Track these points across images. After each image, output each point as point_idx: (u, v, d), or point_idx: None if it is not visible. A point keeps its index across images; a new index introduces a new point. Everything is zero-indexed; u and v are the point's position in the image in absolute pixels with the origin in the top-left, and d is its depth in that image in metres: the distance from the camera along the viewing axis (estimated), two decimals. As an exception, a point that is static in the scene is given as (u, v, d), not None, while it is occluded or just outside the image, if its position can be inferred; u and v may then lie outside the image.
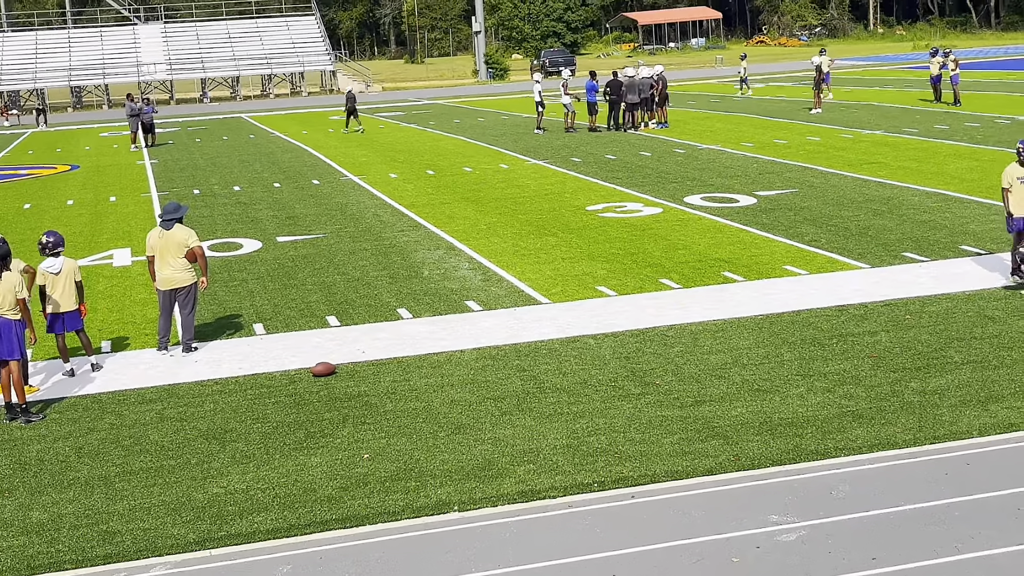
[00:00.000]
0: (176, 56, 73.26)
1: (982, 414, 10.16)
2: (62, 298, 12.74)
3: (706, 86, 57.56)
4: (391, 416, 10.97)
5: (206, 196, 26.74)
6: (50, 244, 12.84)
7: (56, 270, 12.75)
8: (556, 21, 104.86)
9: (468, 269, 17.23)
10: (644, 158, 29.16)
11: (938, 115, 35.74)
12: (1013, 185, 14.32)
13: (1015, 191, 14.30)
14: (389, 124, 45.42)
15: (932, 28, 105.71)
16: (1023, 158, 14.31)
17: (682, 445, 9.84)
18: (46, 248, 12.84)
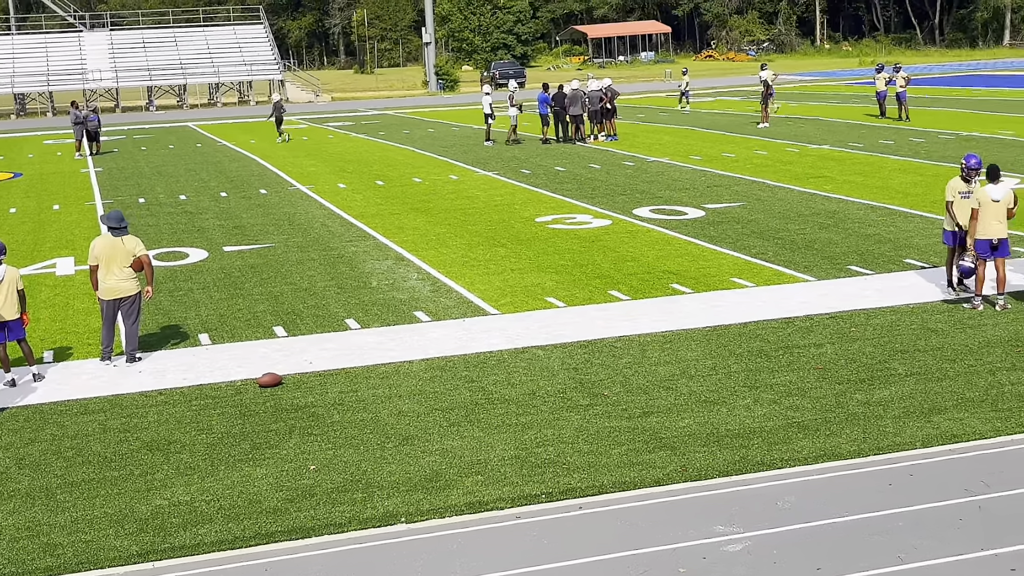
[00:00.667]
0: (122, 64, 72.52)
1: (925, 425, 10.28)
2: (3, 307, 12.54)
3: (655, 99, 57.91)
4: (338, 427, 10.90)
5: (152, 205, 26.48)
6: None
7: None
8: (506, 33, 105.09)
9: (417, 280, 17.18)
10: (593, 170, 29.27)
11: (883, 130, 36.19)
12: (955, 199, 14.54)
13: (957, 205, 14.53)
14: (338, 134, 45.26)
15: (878, 44, 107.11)
16: (965, 175, 14.53)
17: (630, 456, 9.85)
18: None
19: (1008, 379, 11.44)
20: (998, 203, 13.97)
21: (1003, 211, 14.00)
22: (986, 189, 14.08)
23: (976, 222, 14.07)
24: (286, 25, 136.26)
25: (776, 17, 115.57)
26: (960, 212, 14.52)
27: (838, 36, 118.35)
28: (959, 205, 14.52)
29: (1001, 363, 11.96)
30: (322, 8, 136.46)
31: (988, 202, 14.01)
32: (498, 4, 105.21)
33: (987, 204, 14.01)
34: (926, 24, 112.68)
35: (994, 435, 10.02)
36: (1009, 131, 34.13)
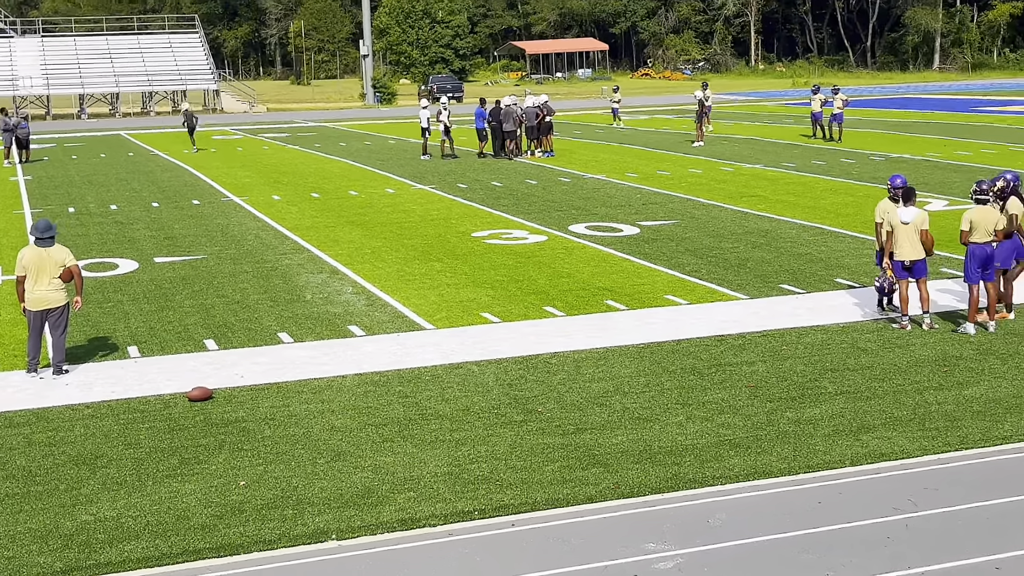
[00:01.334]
0: (54, 71, 71.50)
1: (854, 444, 10.39)
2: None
3: (592, 116, 58.23)
4: (269, 442, 10.78)
5: (81, 214, 26.09)
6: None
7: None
8: (444, 48, 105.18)
9: (352, 293, 17.08)
10: (530, 186, 29.34)
11: (815, 150, 36.69)
12: (885, 220, 14.76)
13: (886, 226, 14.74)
14: (273, 145, 44.95)
15: (811, 66, 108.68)
16: (892, 195, 14.77)
17: (563, 473, 9.85)
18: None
19: (935, 398, 11.61)
20: (908, 225, 14.18)
21: (914, 233, 14.18)
22: (897, 211, 14.31)
23: (890, 243, 14.31)
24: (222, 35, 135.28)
25: (712, 37, 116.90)
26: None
27: (772, 57, 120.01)
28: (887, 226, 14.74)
29: (928, 382, 12.14)
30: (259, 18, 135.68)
31: (898, 224, 14.23)
32: (436, 18, 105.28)
33: (897, 226, 14.23)
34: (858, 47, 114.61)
35: (921, 454, 10.15)
36: (937, 153, 34.76)
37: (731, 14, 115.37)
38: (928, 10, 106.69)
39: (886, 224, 14.39)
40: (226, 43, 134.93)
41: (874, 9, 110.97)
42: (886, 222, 14.37)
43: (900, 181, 14.80)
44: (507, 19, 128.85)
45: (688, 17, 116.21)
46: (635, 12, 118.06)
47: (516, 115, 36.42)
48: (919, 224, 14.22)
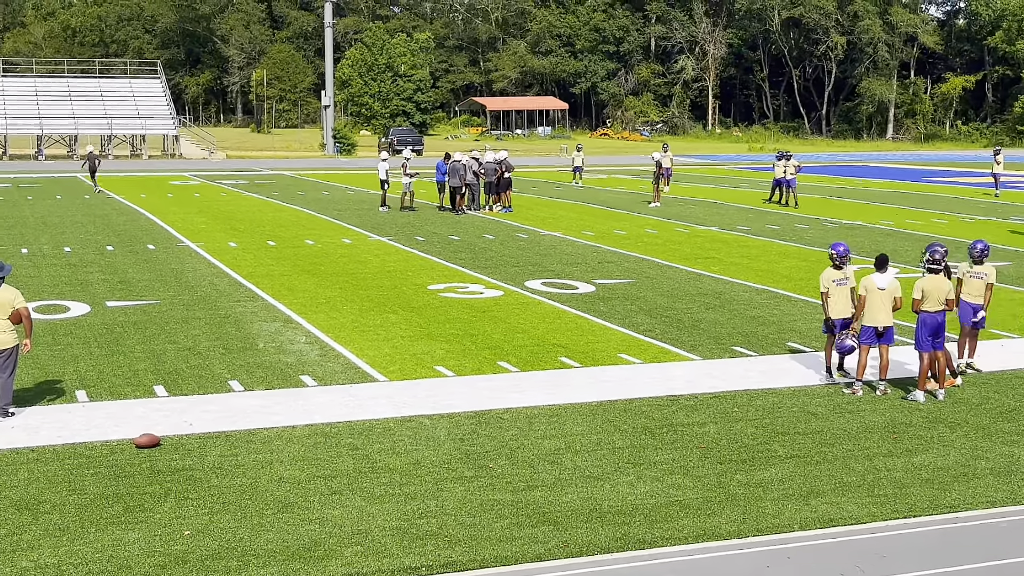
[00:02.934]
0: (12, 111, 71.05)
1: (803, 508, 10.43)
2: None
3: (550, 174, 58.59)
4: (216, 492, 10.65)
5: (34, 256, 25.83)
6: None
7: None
8: (406, 101, 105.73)
9: (305, 343, 16.99)
10: (487, 241, 29.41)
11: (770, 215, 37.09)
12: (830, 288, 14.91)
13: (833, 295, 14.89)
14: (231, 192, 44.81)
15: (767, 132, 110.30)
16: (836, 263, 14.96)
17: (512, 530, 9.80)
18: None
19: (884, 465, 11.69)
20: (884, 291, 14.36)
21: (889, 299, 14.37)
22: (872, 278, 14.47)
23: (862, 309, 14.45)
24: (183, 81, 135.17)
25: (670, 100, 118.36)
26: (837, 299, 14.89)
27: (729, 121, 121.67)
28: (836, 292, 14.89)
29: (878, 449, 12.23)
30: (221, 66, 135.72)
31: (874, 290, 14.39)
32: (399, 72, 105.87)
33: (873, 291, 14.39)
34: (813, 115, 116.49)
35: (870, 520, 10.20)
36: (890, 221, 35.25)
37: (690, 78, 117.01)
38: (883, 81, 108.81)
39: (860, 288, 14.53)
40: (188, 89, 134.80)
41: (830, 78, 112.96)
42: (862, 287, 14.50)
43: (843, 248, 15.03)
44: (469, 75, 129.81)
45: (647, 80, 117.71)
46: (595, 73, 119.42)
47: (460, 171, 36.41)
48: (893, 291, 14.37)
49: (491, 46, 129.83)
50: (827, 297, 14.95)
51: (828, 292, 14.93)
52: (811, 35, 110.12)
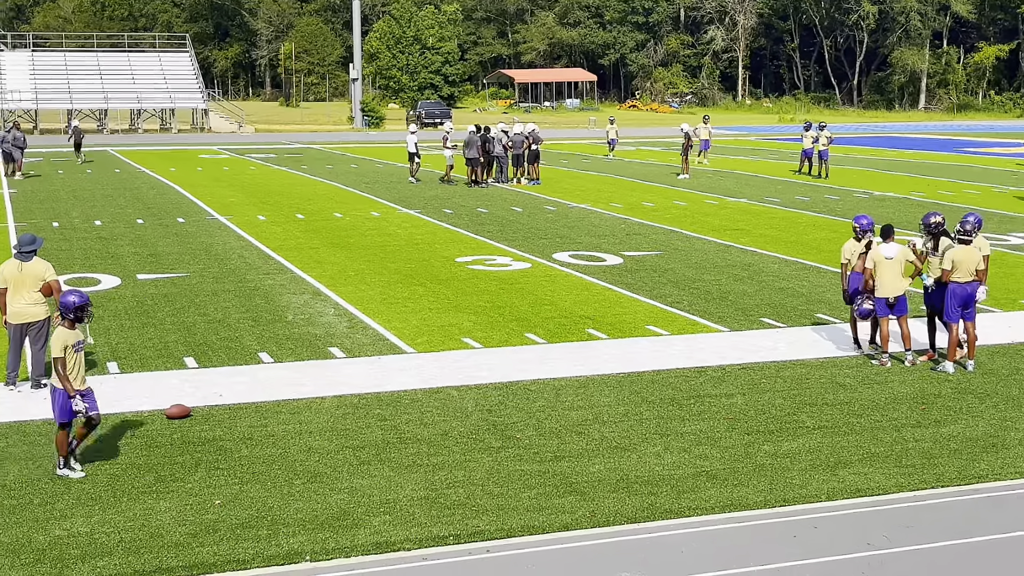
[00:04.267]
0: (43, 85, 71.42)
1: (831, 479, 10.42)
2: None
3: (579, 146, 58.45)
4: (246, 462, 10.74)
5: (65, 229, 26.03)
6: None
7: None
8: (434, 74, 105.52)
9: (333, 315, 17.07)
10: (515, 213, 29.41)
11: (800, 186, 36.89)
12: (852, 260, 14.81)
13: (856, 267, 14.79)
14: (260, 166, 44.96)
15: (797, 102, 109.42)
16: (858, 235, 14.86)
17: (539, 500, 9.85)
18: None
19: (912, 436, 11.66)
20: (891, 260, 14.28)
21: (898, 268, 14.29)
22: (879, 248, 14.39)
23: (870, 279, 14.39)
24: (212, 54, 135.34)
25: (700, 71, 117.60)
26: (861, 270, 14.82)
27: (759, 92, 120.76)
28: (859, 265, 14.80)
29: (906, 420, 12.19)
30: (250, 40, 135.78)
31: (882, 260, 14.32)
32: (427, 44, 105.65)
33: (881, 262, 14.32)
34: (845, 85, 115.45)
35: (897, 491, 10.19)
36: (921, 192, 34.99)
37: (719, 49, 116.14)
38: (915, 51, 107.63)
39: (868, 262, 14.46)
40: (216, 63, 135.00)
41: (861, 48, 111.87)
42: (869, 259, 14.44)
43: (866, 221, 14.93)
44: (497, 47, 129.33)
45: (677, 51, 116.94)
46: (624, 44, 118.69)
47: (476, 143, 36.28)
48: (902, 259, 14.32)
49: (519, 18, 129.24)
50: (847, 268, 14.86)
51: (849, 263, 14.84)
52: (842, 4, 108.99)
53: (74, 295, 10.49)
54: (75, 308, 10.38)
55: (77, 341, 10.36)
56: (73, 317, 10.40)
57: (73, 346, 10.32)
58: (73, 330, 10.38)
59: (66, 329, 10.32)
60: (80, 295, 10.53)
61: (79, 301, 10.46)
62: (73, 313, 10.38)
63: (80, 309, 10.43)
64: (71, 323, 10.40)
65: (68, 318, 10.39)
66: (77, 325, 10.46)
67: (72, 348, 10.31)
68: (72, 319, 10.41)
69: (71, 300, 10.43)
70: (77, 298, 10.48)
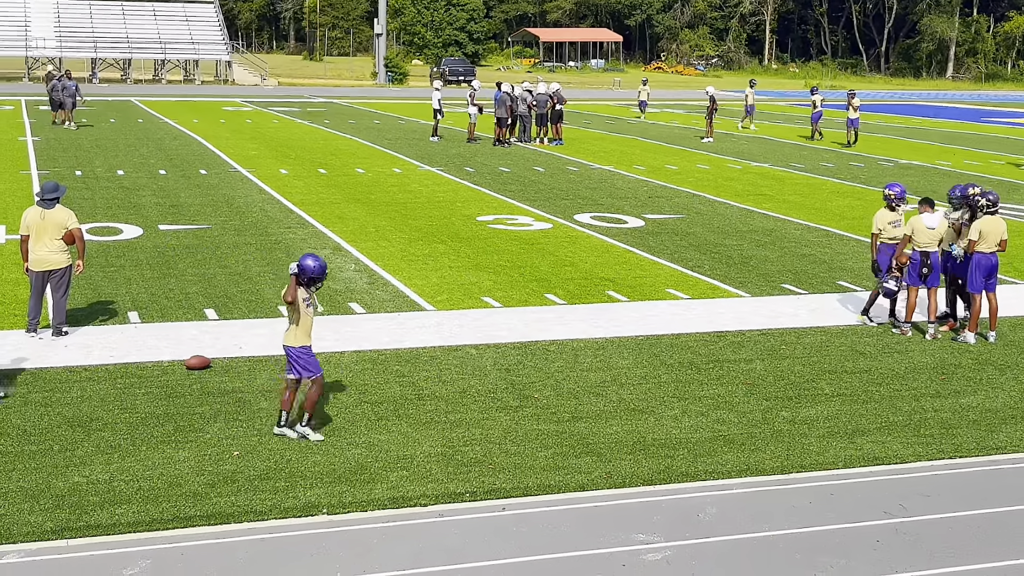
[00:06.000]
0: (67, 33, 71.38)
1: (848, 446, 10.40)
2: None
3: (603, 107, 58.15)
4: (264, 414, 10.79)
5: (88, 178, 26.08)
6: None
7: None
8: (459, 31, 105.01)
9: (354, 271, 17.08)
10: (538, 173, 29.31)
11: (824, 152, 36.64)
12: (884, 230, 14.68)
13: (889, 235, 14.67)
14: (283, 119, 44.90)
15: (824, 68, 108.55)
16: (891, 203, 14.73)
17: (556, 460, 9.87)
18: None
19: (931, 405, 11.62)
20: (933, 231, 14.17)
21: (937, 239, 14.19)
22: (922, 217, 14.27)
23: (905, 246, 14.29)
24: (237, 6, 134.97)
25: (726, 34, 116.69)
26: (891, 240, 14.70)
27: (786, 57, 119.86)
28: (890, 234, 14.66)
29: (926, 389, 12.15)
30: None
31: (923, 229, 14.20)
32: (452, 1, 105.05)
33: (921, 231, 14.20)
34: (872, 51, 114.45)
35: (915, 460, 10.17)
36: (947, 161, 34.72)
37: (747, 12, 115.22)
38: (944, 18, 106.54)
39: (906, 228, 14.34)
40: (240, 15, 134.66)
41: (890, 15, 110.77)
42: (909, 227, 14.30)
43: (899, 189, 14.80)
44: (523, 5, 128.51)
45: (704, 13, 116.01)
46: (651, 5, 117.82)
47: (507, 102, 36.01)
48: (942, 230, 14.19)
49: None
50: (876, 239, 14.73)
51: (880, 233, 14.72)
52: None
53: (313, 260, 10.16)
54: (309, 275, 10.12)
55: (306, 297, 10.21)
56: (306, 282, 10.16)
57: (304, 300, 10.20)
58: (303, 288, 10.18)
59: (301, 287, 10.13)
60: (318, 263, 10.21)
61: (315, 270, 10.16)
62: (307, 278, 10.15)
63: (313, 278, 10.16)
64: (304, 285, 10.19)
65: (302, 281, 10.16)
66: (308, 289, 10.25)
67: (304, 302, 10.20)
68: (304, 284, 10.19)
69: (309, 264, 10.13)
70: (315, 265, 10.16)
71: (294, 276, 10.13)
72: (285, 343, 10.37)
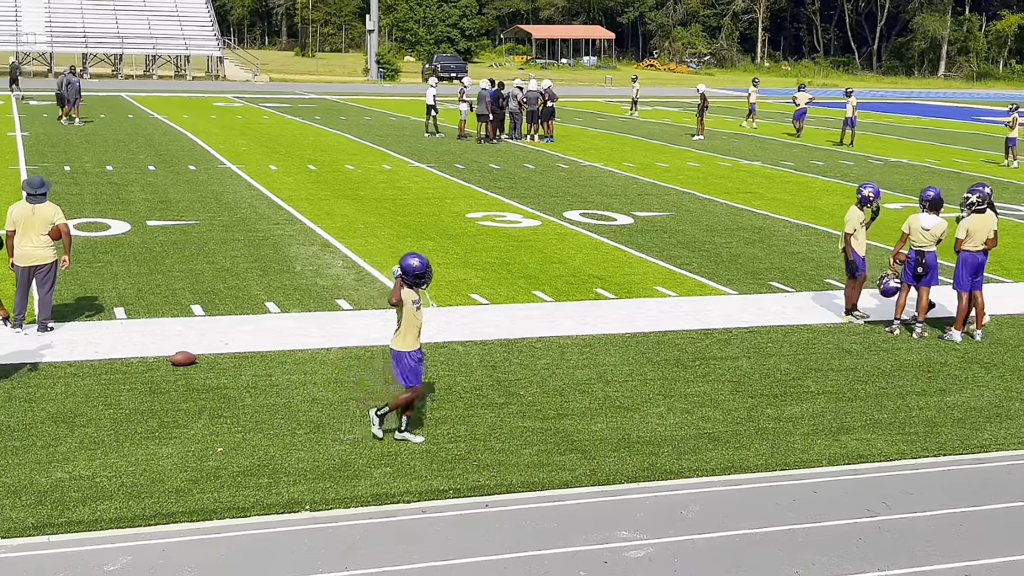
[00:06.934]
0: (58, 28, 71.18)
1: (832, 444, 10.41)
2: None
3: (594, 104, 58.13)
4: (249, 410, 10.77)
5: (76, 174, 26.00)
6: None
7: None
8: (451, 27, 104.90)
9: (342, 267, 17.05)
10: (528, 170, 29.30)
11: (814, 151, 36.67)
12: (858, 229, 14.63)
13: (859, 235, 14.63)
14: (273, 115, 44.82)
15: (816, 66, 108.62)
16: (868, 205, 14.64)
17: (540, 457, 9.86)
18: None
19: (917, 403, 11.64)
20: (928, 231, 14.10)
21: (932, 240, 14.11)
22: (919, 217, 14.19)
23: (902, 245, 14.28)
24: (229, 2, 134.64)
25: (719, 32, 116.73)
26: (861, 239, 14.65)
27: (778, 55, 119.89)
28: (861, 233, 14.63)
29: (911, 387, 12.17)
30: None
31: (918, 229, 14.15)
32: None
33: (916, 231, 14.16)
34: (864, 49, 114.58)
35: (899, 457, 10.18)
36: (936, 160, 34.76)
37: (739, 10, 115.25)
38: (937, 17, 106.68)
39: (905, 227, 14.30)
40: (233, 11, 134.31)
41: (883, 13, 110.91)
42: (906, 226, 14.26)
43: (871, 190, 14.74)
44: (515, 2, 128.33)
45: (696, 10, 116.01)
46: (643, 2, 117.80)
47: (487, 99, 35.93)
48: (938, 232, 14.10)
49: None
50: (852, 238, 14.64)
51: (856, 232, 14.64)
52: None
53: (416, 259, 10.03)
54: (414, 273, 9.99)
55: (414, 300, 10.11)
56: (411, 282, 10.04)
57: (413, 302, 10.08)
58: (411, 290, 10.07)
59: (407, 288, 10.01)
60: (422, 261, 10.07)
61: (420, 267, 10.02)
62: (412, 278, 10.01)
63: (419, 276, 10.03)
64: (409, 285, 10.05)
65: (407, 282, 10.02)
66: (416, 288, 10.11)
67: (412, 303, 10.12)
68: (410, 284, 10.05)
69: (412, 264, 9.99)
70: (419, 263, 10.03)
71: (399, 278, 9.97)
72: (393, 347, 10.18)
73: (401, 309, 10.04)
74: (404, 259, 10.07)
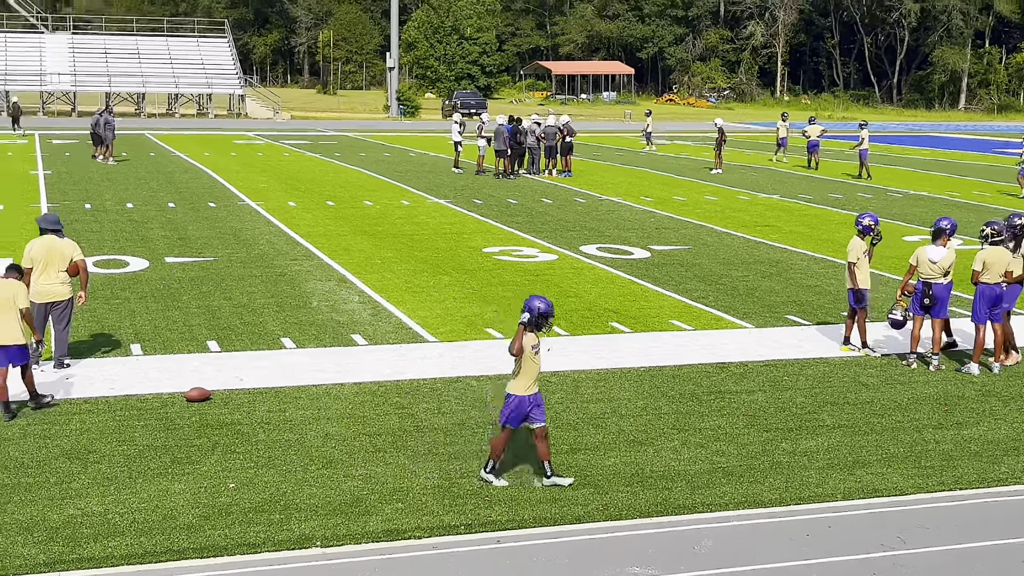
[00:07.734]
0: (82, 68, 71.94)
1: (848, 478, 10.33)
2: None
3: (614, 139, 58.26)
4: (262, 446, 10.77)
5: (97, 211, 26.20)
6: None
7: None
8: (471, 64, 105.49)
9: (358, 303, 17.09)
10: (545, 205, 29.35)
11: (833, 184, 36.61)
12: (860, 259, 14.60)
13: (862, 266, 14.60)
14: (294, 152, 45.09)
15: (836, 100, 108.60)
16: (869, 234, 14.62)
17: (553, 492, 9.82)
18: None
19: (933, 437, 11.54)
20: (935, 264, 14.08)
21: (940, 273, 14.06)
22: (926, 249, 14.18)
23: (910, 277, 14.23)
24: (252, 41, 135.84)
25: (738, 66, 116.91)
26: (865, 270, 14.62)
27: (798, 89, 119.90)
28: (864, 264, 14.62)
29: (928, 421, 12.07)
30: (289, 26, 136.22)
31: (925, 261, 14.12)
32: (465, 35, 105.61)
33: (924, 263, 14.12)
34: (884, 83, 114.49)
35: (915, 492, 10.09)
36: (956, 192, 34.64)
37: (759, 44, 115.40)
38: (956, 50, 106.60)
39: (912, 259, 14.26)
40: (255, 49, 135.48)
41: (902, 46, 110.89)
42: (914, 258, 14.21)
43: (868, 220, 14.75)
44: (535, 39, 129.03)
45: (715, 45, 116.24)
46: (663, 38, 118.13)
47: (504, 135, 36.00)
48: (946, 264, 14.06)
49: (558, 9, 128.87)
50: (856, 268, 14.61)
51: (858, 263, 14.62)
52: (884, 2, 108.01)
53: (540, 301, 9.97)
54: (539, 313, 9.92)
55: (533, 345, 9.99)
56: (536, 323, 9.94)
57: (533, 347, 10.01)
58: (532, 334, 10.00)
59: (527, 335, 9.93)
60: (546, 302, 10.02)
61: (545, 308, 9.97)
62: (537, 317, 9.93)
63: (543, 316, 9.96)
64: (535, 327, 9.98)
65: (529, 323, 9.93)
66: (536, 331, 10.03)
67: (532, 349, 10.04)
68: (533, 324, 9.97)
69: (538, 306, 9.95)
70: (543, 305, 9.98)
71: (522, 325, 9.89)
72: (513, 392, 10.08)
73: (523, 357, 9.94)
74: (529, 301, 9.95)
